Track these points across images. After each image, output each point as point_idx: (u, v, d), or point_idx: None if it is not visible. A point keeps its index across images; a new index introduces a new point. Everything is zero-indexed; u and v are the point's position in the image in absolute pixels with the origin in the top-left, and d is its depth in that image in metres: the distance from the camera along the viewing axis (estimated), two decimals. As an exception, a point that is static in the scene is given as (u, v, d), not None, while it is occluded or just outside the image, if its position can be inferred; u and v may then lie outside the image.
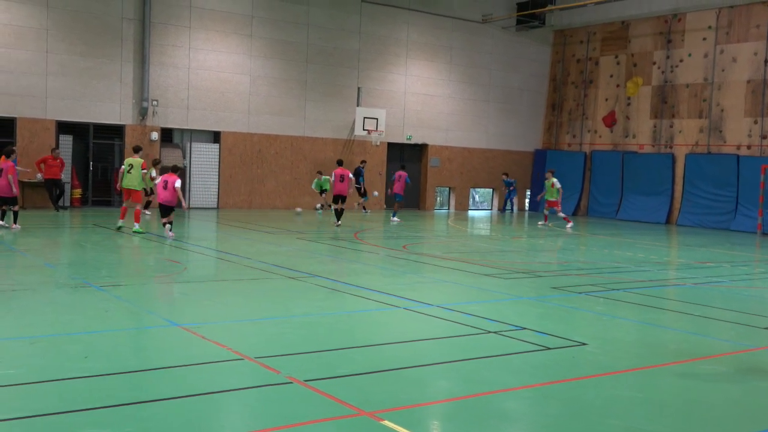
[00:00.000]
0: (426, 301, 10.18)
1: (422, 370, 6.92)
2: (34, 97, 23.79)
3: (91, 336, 7.65)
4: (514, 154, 34.63)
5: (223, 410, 5.63)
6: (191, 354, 7.09)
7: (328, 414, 5.51)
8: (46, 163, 22.44)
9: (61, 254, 14.51)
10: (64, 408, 5.40)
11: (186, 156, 26.72)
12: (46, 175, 22.47)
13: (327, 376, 6.42)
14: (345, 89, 29.77)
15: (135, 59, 25.29)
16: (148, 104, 25.37)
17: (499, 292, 11.46)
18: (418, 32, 31.43)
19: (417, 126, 31.74)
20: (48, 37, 23.89)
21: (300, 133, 28.84)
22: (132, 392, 5.86)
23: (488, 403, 5.99)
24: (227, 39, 27.09)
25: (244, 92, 27.55)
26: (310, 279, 11.84)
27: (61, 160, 22.90)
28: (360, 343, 7.90)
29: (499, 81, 33.92)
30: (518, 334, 8.40)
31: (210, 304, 9.80)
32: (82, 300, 9.58)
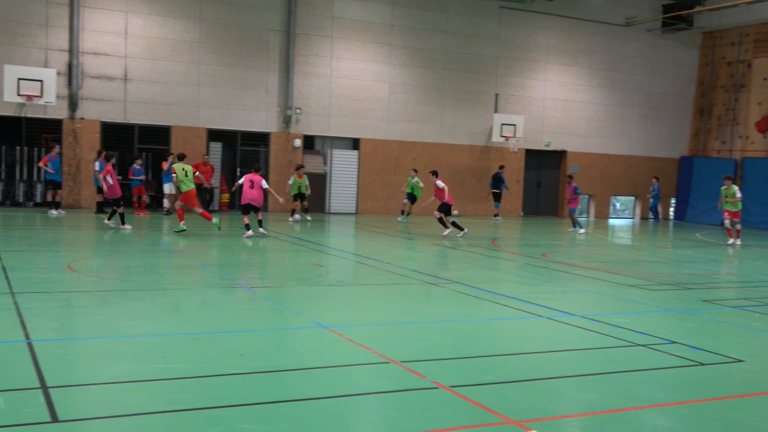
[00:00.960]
0: (569, 311, 9.99)
1: (568, 381, 6.80)
2: (187, 106, 25.15)
3: (244, 335, 8.00)
4: (657, 161, 33.38)
5: (372, 412, 5.75)
6: (339, 356, 7.28)
7: (475, 421, 5.51)
8: (198, 169, 23.63)
9: (212, 256, 15.24)
10: (222, 403, 5.68)
11: (326, 162, 27.43)
12: (196, 181, 23.67)
13: (472, 383, 6.43)
14: (482, 95, 29.68)
15: (280, 69, 26.26)
16: (291, 112, 26.28)
17: (645, 303, 11.08)
18: (557, 37, 30.91)
19: (556, 132, 31.21)
20: (200, 50, 25.21)
21: (437, 139, 29.00)
22: (284, 390, 6.09)
23: (638, 419, 5.82)
24: (367, 48, 27.64)
25: (382, 100, 28.00)
26: (450, 285, 11.87)
27: (211, 166, 24.09)
28: (504, 352, 7.86)
29: (643, 85, 32.81)
30: (668, 348, 8.10)
31: (354, 308, 10.03)
32: (234, 300, 10.04)
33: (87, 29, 23.86)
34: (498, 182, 28.31)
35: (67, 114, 23.87)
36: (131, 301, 9.65)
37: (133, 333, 7.85)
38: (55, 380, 5.97)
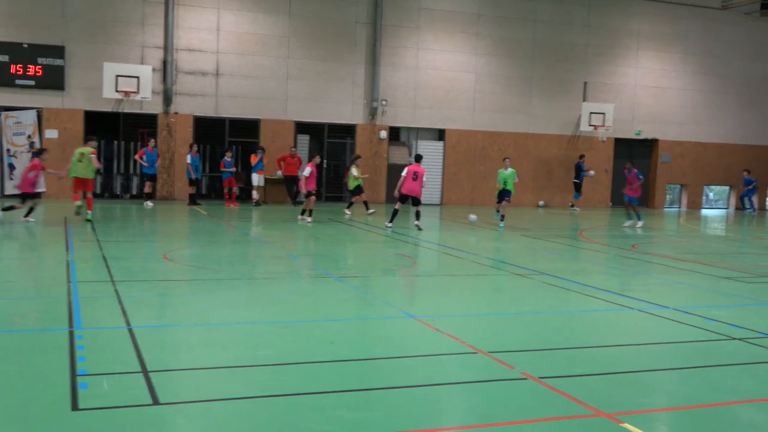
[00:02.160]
0: (662, 303, 9.78)
1: (662, 374, 6.69)
2: (276, 99, 25.65)
3: (333, 323, 8.16)
4: (755, 149, 32.12)
5: (460, 402, 5.80)
6: (427, 345, 7.35)
7: (565, 413, 5.49)
8: (285, 161, 24.14)
9: (300, 246, 15.54)
10: (314, 389, 5.82)
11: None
12: (285, 173, 24.19)
13: (562, 375, 6.40)
14: (570, 84, 29.18)
15: (366, 61, 26.46)
16: (378, 104, 26.45)
17: (741, 296, 10.74)
18: (650, 22, 30.07)
19: (647, 120, 30.41)
20: (289, 44, 25.65)
21: (524, 129, 28.69)
22: (374, 378, 6.21)
23: (733, 413, 5.68)
24: (454, 38, 27.54)
25: (468, 90, 27.87)
26: (538, 276, 11.78)
27: (298, 158, 24.50)
28: (594, 344, 7.78)
29: (740, 71, 31.59)
30: (766, 342, 7.85)
31: (441, 298, 10.08)
32: (324, 290, 10.24)
33: (181, 26, 24.59)
34: (578, 171, 27.83)
35: (162, 109, 24.69)
36: (225, 289, 9.96)
37: (227, 320, 8.12)
38: (155, 365, 6.25)
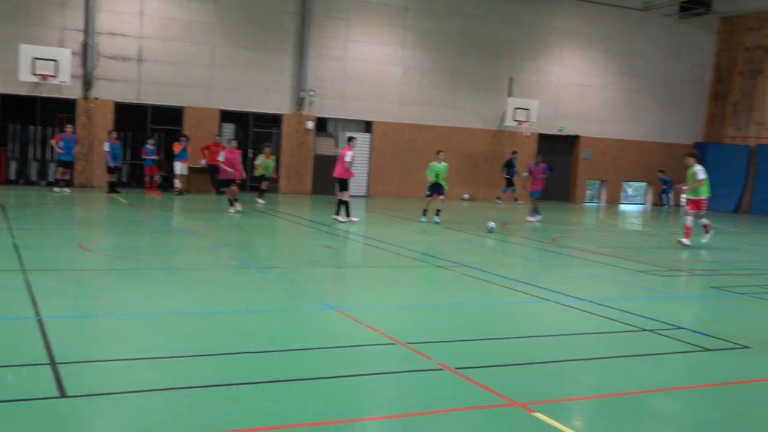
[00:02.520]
0: (577, 296, 10.00)
1: (574, 364, 6.83)
2: (201, 87, 25.22)
3: (253, 314, 8.07)
4: (672, 147, 33.18)
5: (377, 393, 5.81)
6: (346, 337, 7.35)
7: (479, 402, 5.56)
8: (210, 149, 23.75)
9: (223, 236, 15.33)
10: (229, 380, 5.74)
11: (338, 145, 27.44)
12: (209, 161, 23.79)
13: (478, 365, 6.48)
14: (496, 80, 29.56)
15: (294, 51, 26.25)
16: (305, 94, 26.29)
17: (654, 289, 11.08)
18: (574, 21, 30.71)
19: (569, 117, 31.07)
20: (215, 31, 25.24)
21: (450, 123, 28.95)
22: (289, 370, 6.15)
23: (642, 402, 5.85)
24: (382, 30, 27.57)
25: (396, 83, 27.95)
26: (459, 269, 11.91)
27: (223, 146, 24.11)
28: (511, 335, 7.90)
29: (659, 71, 32.57)
30: (675, 333, 8.12)
31: (362, 289, 10.09)
32: (245, 280, 10.12)
33: (103, 9, 23.90)
34: (510, 167, 28.27)
35: (82, 94, 23.98)
36: (142, 280, 9.75)
37: (143, 311, 7.94)
38: (65, 357, 6.05)
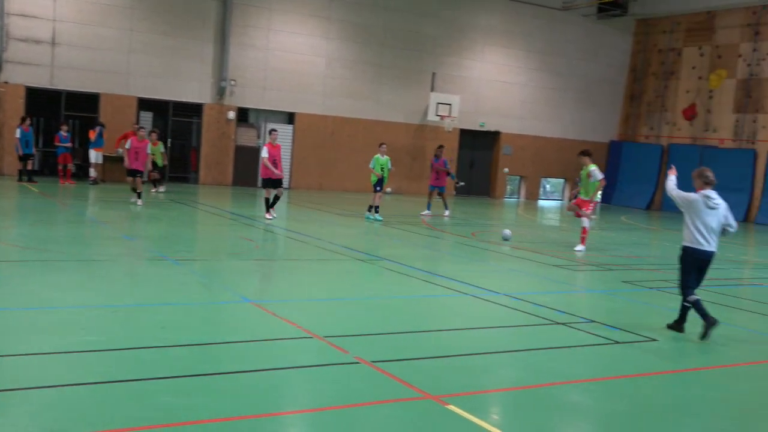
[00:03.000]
0: (494, 290, 10.16)
1: (489, 357, 6.93)
2: (118, 74, 24.52)
3: (167, 308, 7.90)
4: (589, 144, 33.95)
5: (291, 387, 5.76)
6: (262, 330, 7.27)
7: (394, 396, 5.58)
8: (127, 138, 23.05)
9: (138, 228, 14.97)
10: (140, 375, 5.61)
11: (260, 136, 27.15)
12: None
13: (394, 359, 6.50)
14: (420, 74, 29.72)
15: (216, 39, 25.79)
16: (226, 84, 25.86)
17: (568, 283, 11.34)
18: (496, 18, 31.12)
19: (491, 113, 31.50)
20: (133, 16, 24.56)
21: (373, 116, 28.97)
22: (204, 364, 6.05)
23: (554, 394, 5.98)
24: (305, 21, 27.35)
25: (319, 74, 27.79)
26: (380, 262, 11.94)
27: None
28: (428, 328, 7.96)
29: (578, 70, 33.34)
30: (587, 326, 8.33)
31: (281, 283, 10.00)
32: (159, 273, 9.90)
33: (13, -10, 22.96)
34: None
35: (-9, 77, 23.00)
36: (53, 271, 9.43)
37: (54, 304, 7.68)
38: (-34, 351, 5.80)
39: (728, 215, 8.22)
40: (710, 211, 8.10)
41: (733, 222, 8.28)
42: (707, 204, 8.08)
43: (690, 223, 8.21)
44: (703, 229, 8.09)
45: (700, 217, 8.11)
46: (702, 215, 8.10)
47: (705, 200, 8.09)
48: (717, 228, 8.16)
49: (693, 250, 8.17)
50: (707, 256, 8.14)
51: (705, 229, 8.09)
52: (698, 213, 8.12)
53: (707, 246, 8.11)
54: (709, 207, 8.08)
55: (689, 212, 8.21)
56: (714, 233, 8.14)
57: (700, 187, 8.24)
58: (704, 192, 8.15)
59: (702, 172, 8.29)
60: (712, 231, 8.12)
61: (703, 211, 8.09)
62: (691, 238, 8.16)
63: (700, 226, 8.10)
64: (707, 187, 8.19)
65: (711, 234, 8.11)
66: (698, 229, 8.11)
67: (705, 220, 8.09)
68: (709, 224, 8.09)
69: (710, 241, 8.11)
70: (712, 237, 8.11)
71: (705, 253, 8.12)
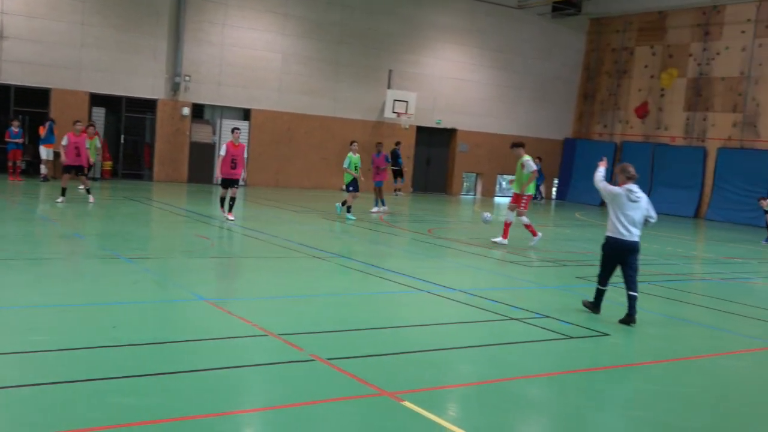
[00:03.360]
0: (450, 286, 10.20)
1: (444, 353, 6.96)
2: (69, 68, 24.04)
3: (119, 307, 7.78)
4: (544, 142, 34.40)
5: (246, 385, 5.72)
6: (216, 328, 7.19)
7: (350, 393, 5.57)
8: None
9: (91, 225, 14.71)
10: (92, 376, 5.51)
11: (216, 132, 26.88)
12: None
13: (350, 356, 6.49)
14: (376, 71, 29.71)
15: (169, 34, 25.44)
16: (180, 79, 25.54)
17: (523, 279, 11.44)
18: (452, 16, 31.24)
19: (447, 111, 31.63)
20: (84, 9, 24.10)
21: (330, 113, 28.87)
22: (158, 363, 5.96)
23: (509, 389, 6.02)
24: (261, 17, 27.15)
25: (275, 70, 27.61)
26: (336, 259, 11.91)
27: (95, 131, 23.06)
28: (383, 325, 7.96)
29: (533, 68, 33.65)
30: (541, 322, 8.41)
31: (236, 280, 9.92)
32: (112, 271, 9.73)
33: (-41, -19, 22.37)
34: (395, 158, 28.45)
35: (-64, 71, 22.39)
36: (1, 270, 9.20)
37: (1, 304, 7.50)
38: None
39: (649, 208, 8.76)
40: (632, 204, 8.61)
41: (653, 214, 8.84)
42: (629, 197, 8.61)
43: (613, 214, 8.72)
44: (625, 220, 8.60)
45: (622, 209, 8.63)
46: (624, 208, 8.61)
47: (627, 194, 8.62)
48: (639, 220, 8.67)
49: (614, 240, 8.69)
50: (628, 245, 8.62)
51: (627, 221, 8.59)
52: (621, 206, 8.64)
53: (628, 236, 8.61)
54: (631, 200, 8.61)
55: (613, 205, 8.74)
56: (635, 225, 8.64)
57: (623, 181, 8.74)
58: (627, 186, 8.67)
59: (625, 168, 8.83)
60: (634, 223, 8.62)
61: (626, 204, 8.61)
62: (614, 229, 8.68)
63: (622, 218, 8.62)
64: (630, 182, 8.70)
65: (632, 225, 8.61)
66: (620, 220, 8.62)
67: (627, 212, 8.60)
68: (631, 216, 8.60)
69: (632, 232, 8.61)
70: (633, 228, 8.62)
71: (626, 243, 8.61)
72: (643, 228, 8.79)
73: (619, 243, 8.66)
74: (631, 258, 8.70)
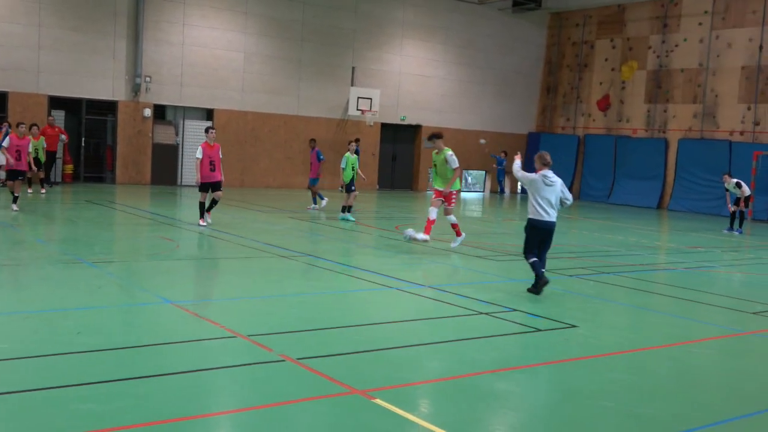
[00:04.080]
0: (419, 282, 10.21)
1: (414, 349, 6.95)
2: (26, 71, 23.63)
3: (83, 312, 7.65)
4: (508, 136, 34.60)
5: (216, 388, 5.65)
6: (184, 331, 7.11)
7: (320, 392, 5.53)
8: (45, 133, 22.04)
9: (53, 230, 14.47)
10: (56, 383, 5.41)
11: (179, 133, 26.61)
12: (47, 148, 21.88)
13: (320, 355, 6.45)
14: (339, 69, 29.64)
15: (128, 35, 25.11)
16: (141, 80, 25.23)
17: (490, 273, 11.49)
18: (414, 12, 31.27)
19: (411, 107, 31.66)
20: (40, 11, 23.69)
21: (294, 111, 28.74)
22: (124, 368, 5.87)
23: (479, 384, 6.03)
24: (222, 15, 26.92)
25: (237, 69, 27.41)
26: (303, 258, 11.85)
27: (58, 128, 22.58)
28: (353, 323, 7.93)
29: (495, 63, 33.82)
30: (509, 315, 8.45)
31: (203, 282, 9.81)
32: (75, 276, 9.57)
33: None
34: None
35: None
36: (-41, 278, 9.01)
37: (-41, 312, 7.34)
38: None
39: (564, 190, 9.76)
40: (548, 188, 9.63)
41: (569, 195, 9.88)
42: (545, 182, 9.63)
43: (532, 198, 9.74)
44: (543, 202, 9.62)
45: (540, 193, 9.65)
46: (541, 191, 9.64)
47: (543, 179, 9.64)
48: (555, 201, 9.68)
49: (535, 221, 9.69)
50: (546, 225, 9.66)
51: (544, 203, 9.62)
52: (538, 190, 9.66)
53: (547, 217, 9.63)
54: (547, 184, 9.63)
55: (531, 189, 9.74)
56: (552, 206, 9.65)
57: (539, 168, 9.76)
58: (543, 172, 9.69)
59: (541, 156, 9.87)
60: (550, 204, 9.64)
61: (542, 188, 9.63)
62: (533, 211, 9.70)
63: (540, 201, 9.63)
64: (545, 168, 9.71)
65: (549, 207, 9.63)
66: (539, 203, 9.64)
67: (544, 195, 9.63)
68: (547, 198, 9.62)
69: (549, 213, 9.64)
70: (550, 209, 9.64)
71: (544, 223, 9.65)
72: (559, 209, 9.77)
73: (540, 223, 9.64)
74: (549, 238, 9.77)
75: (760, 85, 27.43)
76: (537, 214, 9.64)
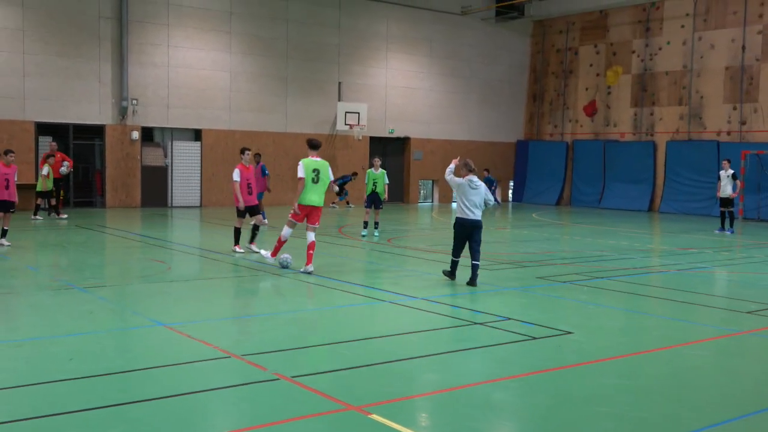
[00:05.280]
0: (411, 294, 10.19)
1: (409, 363, 6.92)
2: (12, 98, 23.57)
3: (76, 338, 7.60)
4: (496, 145, 34.69)
5: (211, 409, 5.62)
6: (177, 353, 7.06)
7: (316, 410, 5.50)
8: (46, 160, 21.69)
9: (43, 256, 14.39)
10: (50, 411, 5.36)
11: (167, 155, 26.58)
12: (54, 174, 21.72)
13: (314, 372, 6.41)
14: (326, 84, 29.68)
15: (113, 58, 25.10)
16: (127, 103, 25.20)
17: (483, 283, 11.47)
18: (397, 26, 31.38)
19: (399, 119, 31.71)
20: (25, 38, 23.67)
21: (281, 129, 28.75)
22: (118, 393, 5.83)
23: (475, 395, 6.01)
24: (206, 36, 26.95)
25: (224, 89, 27.41)
26: (295, 275, 11.81)
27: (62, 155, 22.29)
28: (346, 338, 7.89)
29: (480, 73, 33.93)
30: (504, 324, 8.43)
31: (195, 303, 9.76)
32: (66, 302, 9.52)
33: None
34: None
35: None
36: (-51, 309, 8.94)
37: (-50, 344, 7.27)
38: None
39: (487, 193, 11.10)
40: (473, 191, 10.95)
41: (491, 197, 11.30)
42: (470, 186, 10.95)
43: (459, 200, 11.08)
44: (469, 204, 10.94)
45: (466, 195, 10.96)
46: (468, 194, 10.95)
47: (468, 183, 10.96)
48: (479, 203, 10.99)
49: (462, 220, 11.00)
50: (472, 222, 10.96)
51: (470, 204, 10.93)
52: (465, 193, 10.97)
53: (471, 216, 10.94)
54: (472, 188, 10.95)
55: (458, 192, 11.06)
56: (477, 207, 10.95)
57: (465, 174, 11.06)
58: (468, 177, 11.00)
59: (466, 163, 11.17)
60: (475, 205, 10.95)
61: (468, 191, 10.94)
62: (461, 211, 11.01)
63: (466, 202, 10.96)
64: (470, 174, 11.02)
65: (475, 207, 10.94)
66: (465, 204, 10.96)
67: (469, 197, 10.94)
68: (472, 200, 10.94)
69: (474, 212, 10.93)
70: (475, 209, 10.94)
71: (470, 221, 10.96)
72: (483, 209, 11.07)
73: (465, 221, 10.97)
74: (476, 233, 10.97)
75: (744, 85, 27.60)
76: (464, 213, 10.96)
